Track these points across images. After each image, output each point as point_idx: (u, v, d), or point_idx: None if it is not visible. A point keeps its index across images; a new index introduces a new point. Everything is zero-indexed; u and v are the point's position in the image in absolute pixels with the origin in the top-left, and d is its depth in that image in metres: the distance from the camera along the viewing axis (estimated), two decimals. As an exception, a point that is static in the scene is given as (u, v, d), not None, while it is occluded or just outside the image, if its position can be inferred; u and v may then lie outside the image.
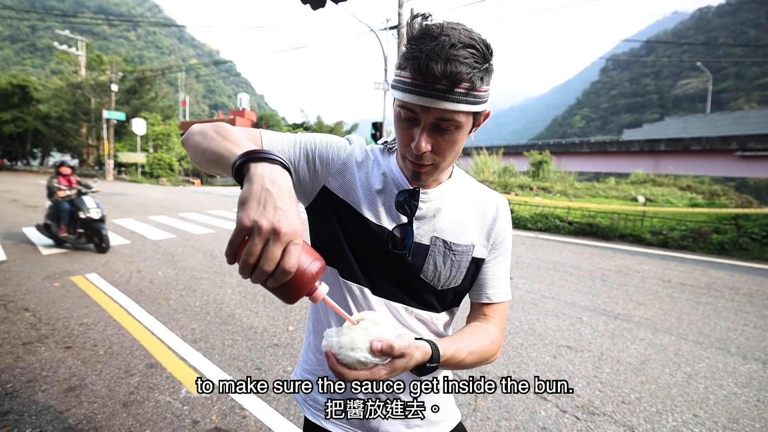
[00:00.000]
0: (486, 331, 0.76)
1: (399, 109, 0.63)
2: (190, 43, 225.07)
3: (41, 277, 4.38)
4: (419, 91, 0.59)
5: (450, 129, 0.62)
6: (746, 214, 8.03)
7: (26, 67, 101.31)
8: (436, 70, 0.56)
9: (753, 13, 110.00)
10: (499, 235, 0.78)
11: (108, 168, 24.37)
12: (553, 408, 2.24)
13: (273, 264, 0.44)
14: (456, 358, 0.67)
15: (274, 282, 0.46)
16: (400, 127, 0.65)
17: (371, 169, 0.76)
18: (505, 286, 0.80)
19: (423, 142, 0.61)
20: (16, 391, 2.23)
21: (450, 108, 0.59)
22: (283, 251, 0.45)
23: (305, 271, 0.49)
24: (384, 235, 0.72)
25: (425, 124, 0.61)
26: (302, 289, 0.50)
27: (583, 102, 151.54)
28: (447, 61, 0.56)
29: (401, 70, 0.61)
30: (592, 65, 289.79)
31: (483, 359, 0.73)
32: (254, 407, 2.16)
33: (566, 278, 4.97)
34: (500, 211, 0.79)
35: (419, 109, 0.60)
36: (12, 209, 9.43)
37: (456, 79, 0.57)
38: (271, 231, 0.44)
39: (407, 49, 0.61)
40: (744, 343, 3.21)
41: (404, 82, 0.60)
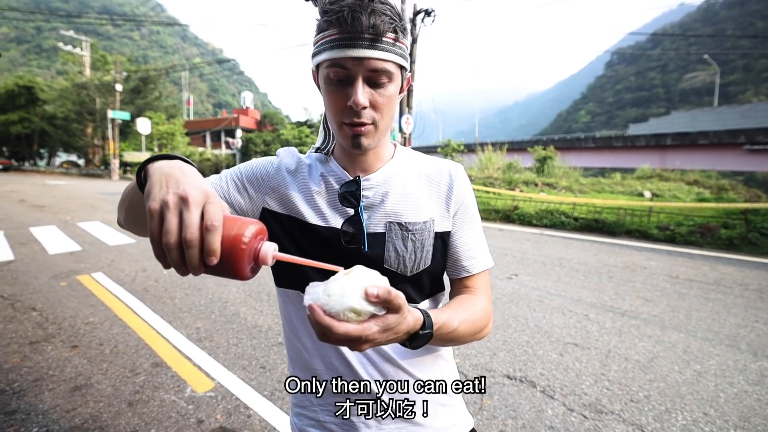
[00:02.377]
0: (473, 300, 0.71)
1: (328, 70, 0.61)
2: (194, 42, 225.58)
3: (48, 276, 4.41)
4: (348, 44, 0.58)
5: (383, 82, 0.61)
6: (755, 209, 7.92)
7: (32, 68, 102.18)
8: (362, 20, 0.57)
9: (761, 4, 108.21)
10: (459, 201, 0.73)
11: (113, 167, 24.55)
12: (560, 406, 2.22)
13: (194, 228, 0.41)
14: (449, 326, 0.61)
15: (209, 253, 0.41)
16: (331, 91, 0.62)
17: (308, 173, 0.73)
18: (481, 255, 0.74)
19: (360, 95, 0.59)
20: (23, 390, 2.25)
21: (381, 56, 0.59)
22: (202, 214, 0.42)
23: (237, 234, 0.44)
24: (334, 234, 0.68)
25: (360, 78, 0.60)
26: (241, 253, 0.44)
27: (588, 97, 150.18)
28: (371, 12, 0.57)
29: (322, 32, 0.61)
30: (597, 59, 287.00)
31: (476, 329, 0.68)
32: (259, 406, 2.16)
33: (572, 275, 4.93)
34: (454, 177, 0.73)
35: (351, 62, 0.59)
36: (20, 209, 9.51)
37: (382, 29, 0.58)
38: (180, 200, 0.42)
39: (324, 12, 0.60)
40: (755, 339, 3.16)
41: (330, 40, 0.59)
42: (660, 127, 35.62)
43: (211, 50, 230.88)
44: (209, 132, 37.79)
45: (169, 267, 0.43)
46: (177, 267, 0.42)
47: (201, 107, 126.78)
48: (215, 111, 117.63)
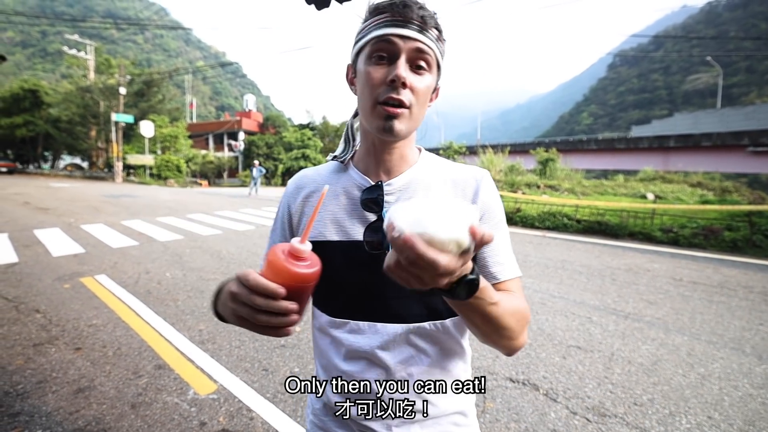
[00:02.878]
0: (510, 292, 0.67)
1: (373, 47, 0.62)
2: (197, 45, 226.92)
3: (52, 278, 4.43)
4: (399, 23, 0.61)
5: (423, 67, 0.63)
6: (760, 211, 7.87)
7: (37, 71, 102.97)
8: (413, 9, 0.61)
9: (764, 5, 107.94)
10: (485, 208, 0.70)
11: (117, 170, 24.67)
12: (563, 410, 2.21)
13: (251, 305, 0.49)
14: (491, 294, 0.54)
15: (270, 295, 0.48)
16: (372, 69, 0.63)
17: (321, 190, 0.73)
18: (509, 261, 0.70)
19: (402, 69, 0.61)
20: (26, 392, 2.26)
21: (426, 42, 0.62)
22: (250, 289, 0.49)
23: (268, 267, 0.50)
24: (356, 246, 0.67)
25: (404, 55, 0.62)
26: (282, 268, 0.49)
27: (590, 99, 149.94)
28: (420, 7, 0.62)
29: (373, 16, 0.63)
30: (600, 61, 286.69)
31: (518, 320, 0.62)
32: (262, 409, 2.16)
33: (575, 277, 4.91)
34: (481, 183, 0.72)
35: (398, 38, 0.61)
36: (24, 211, 9.57)
37: (428, 23, 0.62)
38: (237, 302, 0.51)
39: (372, 11, 0.64)
40: (759, 342, 3.14)
41: (380, 21, 0.62)
42: (663, 128, 35.53)
43: (214, 53, 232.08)
44: (212, 135, 37.95)
45: (285, 332, 0.51)
46: (280, 325, 0.50)
47: (204, 110, 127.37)
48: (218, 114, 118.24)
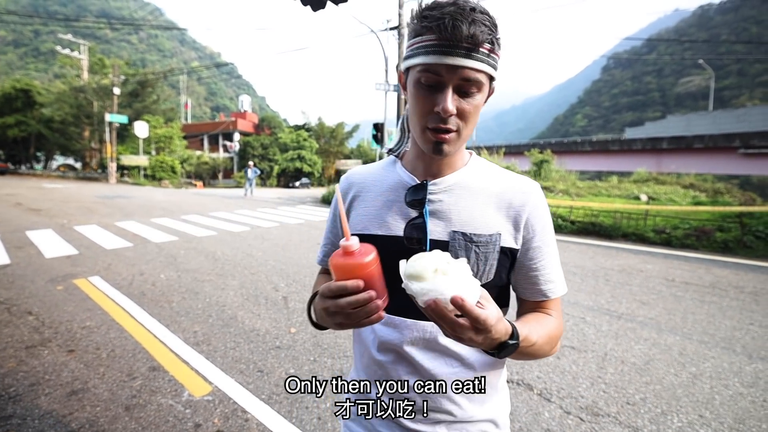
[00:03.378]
0: (546, 318, 0.72)
1: (420, 74, 0.62)
2: (192, 45, 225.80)
3: (44, 280, 4.39)
4: (446, 51, 0.59)
5: (472, 91, 0.62)
6: (750, 212, 7.98)
7: (29, 71, 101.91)
8: (462, 29, 0.58)
9: (755, 9, 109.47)
10: (532, 221, 0.71)
11: (111, 171, 24.47)
12: (557, 409, 2.23)
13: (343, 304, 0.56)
14: (530, 340, 0.62)
15: (349, 292, 0.55)
16: (420, 95, 0.63)
17: (372, 186, 0.76)
18: (559, 279, 0.73)
19: (449, 103, 0.61)
20: (19, 395, 2.24)
21: (476, 66, 0.60)
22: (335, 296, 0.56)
23: (337, 266, 0.57)
24: (396, 241, 0.70)
25: (451, 86, 0.61)
26: (348, 266, 0.56)
27: (584, 101, 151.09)
28: (471, 22, 0.58)
29: (420, 36, 0.62)
30: (594, 64, 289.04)
31: (551, 345, 0.69)
32: (257, 410, 2.16)
33: (569, 278, 4.94)
34: (530, 195, 0.71)
35: (445, 69, 0.60)
36: (16, 212, 9.47)
37: (480, 39, 0.59)
38: (328, 311, 0.58)
39: (421, 18, 0.61)
40: (749, 342, 3.19)
41: (427, 45, 0.60)
42: (656, 130, 35.88)
43: (209, 54, 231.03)
44: (207, 135, 37.77)
45: (379, 317, 0.58)
46: (369, 312, 0.56)
47: (199, 111, 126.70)
48: (213, 114, 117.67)
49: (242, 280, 4.58)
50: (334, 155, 32.80)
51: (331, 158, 32.63)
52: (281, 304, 3.81)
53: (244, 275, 4.77)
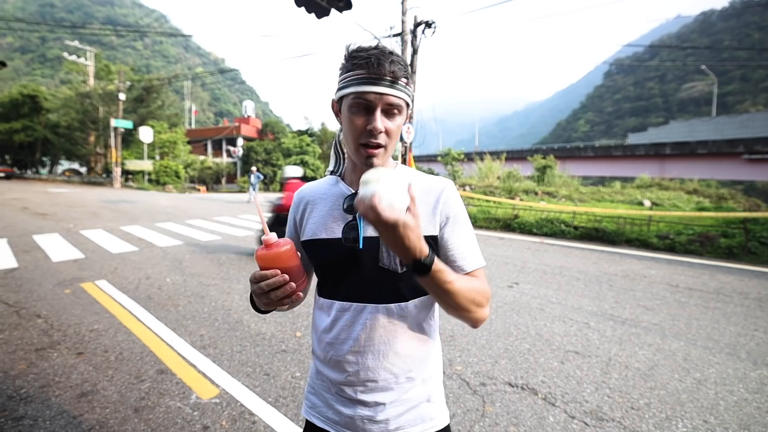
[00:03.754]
0: (471, 277, 0.82)
1: (354, 100, 0.76)
2: (196, 51, 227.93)
3: (52, 284, 4.44)
4: (374, 81, 0.74)
5: (395, 114, 0.78)
6: (755, 218, 7.96)
7: (36, 77, 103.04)
8: (385, 66, 0.74)
9: (758, 15, 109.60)
10: (446, 209, 0.84)
11: (115, 175, 24.65)
12: (561, 414, 2.24)
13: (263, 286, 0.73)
14: (446, 274, 0.72)
15: (269, 276, 0.72)
16: (353, 118, 0.77)
17: (320, 199, 0.89)
18: (472, 255, 0.84)
19: (379, 122, 0.75)
20: (30, 396, 2.27)
21: (397, 94, 0.76)
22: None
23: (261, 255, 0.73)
24: (337, 241, 0.83)
25: (379, 109, 0.75)
26: (269, 256, 0.71)
27: (587, 106, 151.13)
28: (391, 61, 0.75)
29: (350, 72, 0.76)
30: (596, 69, 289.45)
31: (473, 297, 0.77)
32: (264, 413, 2.18)
33: (573, 283, 4.95)
34: (442, 190, 0.85)
35: (374, 96, 0.74)
36: (23, 217, 9.57)
37: (398, 75, 0.76)
38: (259, 289, 0.74)
39: (351, 58, 0.76)
40: (754, 348, 3.19)
41: (359, 77, 0.75)
42: (659, 136, 35.85)
43: (214, 60, 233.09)
44: (211, 140, 38.02)
45: (296, 298, 0.75)
46: (285, 293, 0.73)
47: (203, 116, 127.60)
48: (217, 120, 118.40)
49: (247, 284, 4.61)
50: (337, 160, 32.87)
51: (334, 163, 32.70)
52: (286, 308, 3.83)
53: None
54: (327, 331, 0.86)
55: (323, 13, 6.88)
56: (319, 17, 6.95)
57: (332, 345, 0.85)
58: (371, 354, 0.82)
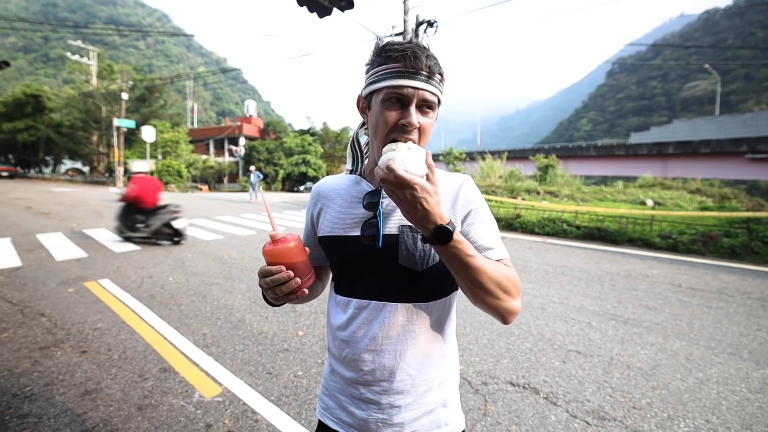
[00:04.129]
0: (498, 262, 0.78)
1: (387, 94, 0.74)
2: (198, 51, 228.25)
3: (56, 282, 4.46)
4: (411, 75, 0.72)
5: (429, 111, 0.76)
6: (758, 218, 7.93)
7: (39, 76, 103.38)
8: (422, 59, 0.72)
9: (761, 14, 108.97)
10: (466, 204, 0.82)
11: (118, 175, 24.73)
12: (563, 413, 2.24)
13: (271, 281, 0.75)
14: (468, 249, 0.70)
15: (275, 272, 0.74)
16: (385, 113, 0.74)
17: (339, 196, 0.88)
18: (498, 246, 0.81)
19: (414, 116, 0.73)
20: (34, 394, 2.29)
21: (432, 90, 0.74)
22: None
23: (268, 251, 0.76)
24: (356, 239, 0.81)
25: (414, 103, 0.74)
26: (274, 252, 0.74)
27: (589, 105, 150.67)
28: (427, 56, 0.73)
29: (383, 66, 0.74)
30: (599, 68, 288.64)
31: (500, 281, 0.73)
32: (266, 411, 2.19)
33: (575, 283, 4.95)
34: (461, 185, 0.83)
35: (410, 90, 0.73)
36: (26, 216, 9.61)
37: (434, 70, 0.74)
38: (266, 283, 0.76)
39: (384, 52, 0.75)
40: (757, 348, 3.18)
41: (394, 71, 0.73)
42: (662, 135, 35.71)
43: (216, 59, 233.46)
44: (213, 140, 38.10)
45: (301, 294, 0.76)
46: (289, 289, 0.74)
47: (204, 115, 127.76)
48: (219, 119, 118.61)
49: (249, 283, 4.62)
50: (339, 160, 32.94)
51: (336, 163, 32.77)
52: (288, 307, 3.84)
53: (252, 279, 4.82)
54: (343, 329, 0.85)
55: (325, 13, 6.89)
56: (321, 17, 6.96)
57: (348, 343, 0.84)
58: (388, 353, 0.80)
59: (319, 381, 2.53)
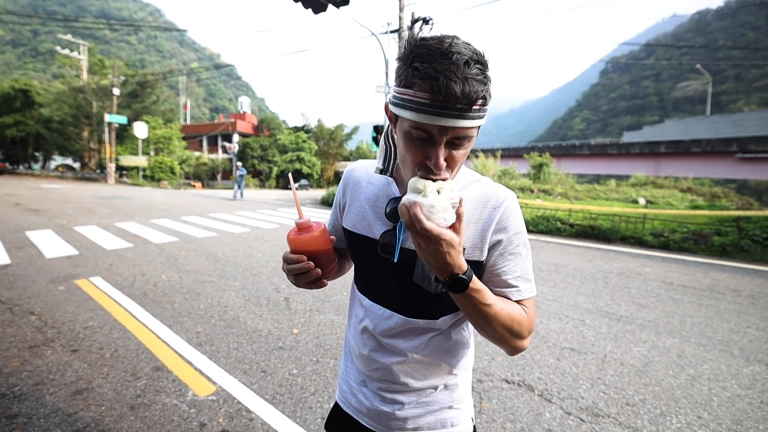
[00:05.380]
0: (516, 305, 0.74)
1: (411, 129, 0.62)
2: (191, 46, 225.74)
3: (45, 280, 4.40)
4: (439, 112, 0.58)
5: (464, 144, 0.64)
6: (747, 217, 8.04)
7: (28, 71, 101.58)
8: (455, 90, 0.56)
9: (752, 15, 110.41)
10: (501, 230, 0.73)
11: (109, 171, 24.43)
12: (557, 410, 2.25)
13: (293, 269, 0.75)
14: (484, 295, 0.66)
15: (298, 260, 0.73)
16: (410, 146, 0.64)
17: (367, 191, 0.84)
18: (524, 285, 0.75)
19: (441, 159, 0.62)
20: (24, 394, 2.25)
21: (467, 125, 0.60)
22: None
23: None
24: (374, 244, 0.78)
25: (443, 143, 0.61)
26: (296, 240, 0.74)
27: (583, 104, 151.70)
28: (465, 80, 0.57)
29: (410, 88, 0.60)
30: (592, 68, 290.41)
31: (512, 324, 0.69)
32: (261, 410, 2.18)
33: (568, 280, 4.98)
34: (502, 204, 0.74)
35: (437, 129, 0.60)
36: (15, 213, 9.46)
37: (473, 99, 0.58)
38: (289, 270, 0.76)
39: (413, 67, 0.59)
40: (747, 345, 3.22)
41: (419, 103, 0.59)
42: (654, 134, 36.07)
43: (209, 55, 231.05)
44: (206, 136, 37.76)
45: (321, 284, 0.78)
46: (309, 278, 0.75)
47: (198, 112, 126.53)
48: (212, 115, 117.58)
49: (243, 281, 4.59)
50: (333, 157, 32.85)
51: (330, 160, 32.68)
52: (283, 305, 3.82)
53: (246, 276, 4.79)
54: (358, 321, 0.87)
55: (320, 9, 6.83)
56: (316, 13, 6.91)
57: (359, 338, 0.86)
58: (394, 357, 0.80)
59: (314, 379, 2.52)
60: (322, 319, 3.51)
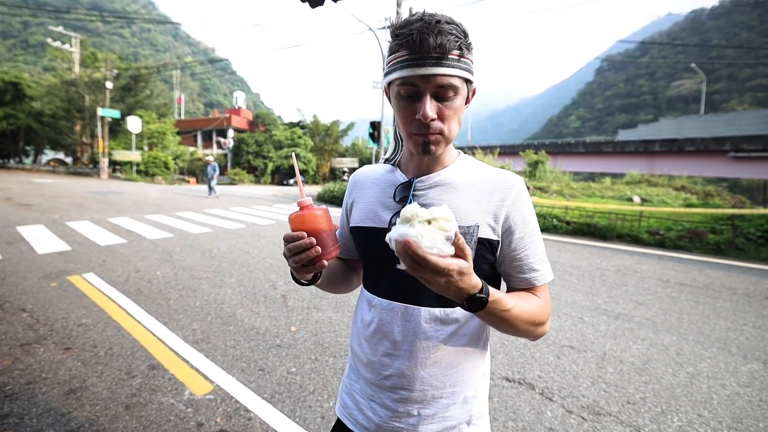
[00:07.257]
0: (531, 296, 0.74)
1: (399, 87, 0.67)
2: (186, 40, 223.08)
3: (37, 276, 4.32)
4: (417, 63, 0.64)
5: (449, 95, 0.67)
6: (742, 215, 8.11)
7: (18, 63, 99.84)
8: (429, 41, 0.63)
9: (746, 15, 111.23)
10: (513, 215, 0.73)
11: (102, 166, 24.11)
12: (559, 408, 2.24)
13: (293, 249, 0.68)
14: (503, 303, 0.64)
15: (298, 238, 0.68)
16: (401, 106, 0.69)
17: (372, 186, 0.83)
18: (543, 267, 0.76)
19: (428, 109, 0.65)
20: (15, 393, 2.19)
21: (447, 72, 0.65)
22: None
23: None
24: (384, 232, 0.76)
25: (428, 94, 0.66)
26: (299, 218, 0.70)
27: (578, 102, 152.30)
28: (438, 33, 0.63)
29: (393, 54, 0.68)
30: (588, 66, 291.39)
31: (532, 320, 0.70)
32: (259, 409, 2.14)
33: (566, 278, 4.98)
34: (511, 189, 0.74)
35: (419, 80, 0.65)
36: (6, 207, 9.30)
37: (447, 47, 0.64)
38: (289, 252, 0.69)
39: (395, 36, 0.67)
40: (744, 342, 3.24)
41: (401, 60, 0.66)
42: (648, 133, 36.27)
43: (203, 49, 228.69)
44: (201, 131, 37.40)
45: (321, 265, 0.68)
46: (309, 257, 0.67)
47: (192, 106, 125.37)
48: (206, 110, 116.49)
49: (240, 277, 4.54)
50: (329, 153, 32.69)
51: (326, 156, 32.51)
52: (280, 302, 3.78)
53: (242, 273, 4.74)
54: (366, 326, 0.81)
55: (317, 3, 6.75)
56: (312, 6, 6.82)
57: (368, 343, 0.80)
58: (408, 360, 0.75)
59: (313, 377, 2.49)
60: (320, 316, 3.47)
